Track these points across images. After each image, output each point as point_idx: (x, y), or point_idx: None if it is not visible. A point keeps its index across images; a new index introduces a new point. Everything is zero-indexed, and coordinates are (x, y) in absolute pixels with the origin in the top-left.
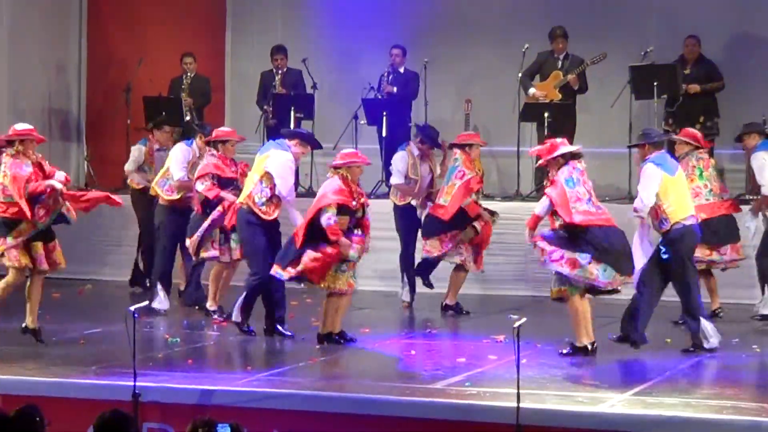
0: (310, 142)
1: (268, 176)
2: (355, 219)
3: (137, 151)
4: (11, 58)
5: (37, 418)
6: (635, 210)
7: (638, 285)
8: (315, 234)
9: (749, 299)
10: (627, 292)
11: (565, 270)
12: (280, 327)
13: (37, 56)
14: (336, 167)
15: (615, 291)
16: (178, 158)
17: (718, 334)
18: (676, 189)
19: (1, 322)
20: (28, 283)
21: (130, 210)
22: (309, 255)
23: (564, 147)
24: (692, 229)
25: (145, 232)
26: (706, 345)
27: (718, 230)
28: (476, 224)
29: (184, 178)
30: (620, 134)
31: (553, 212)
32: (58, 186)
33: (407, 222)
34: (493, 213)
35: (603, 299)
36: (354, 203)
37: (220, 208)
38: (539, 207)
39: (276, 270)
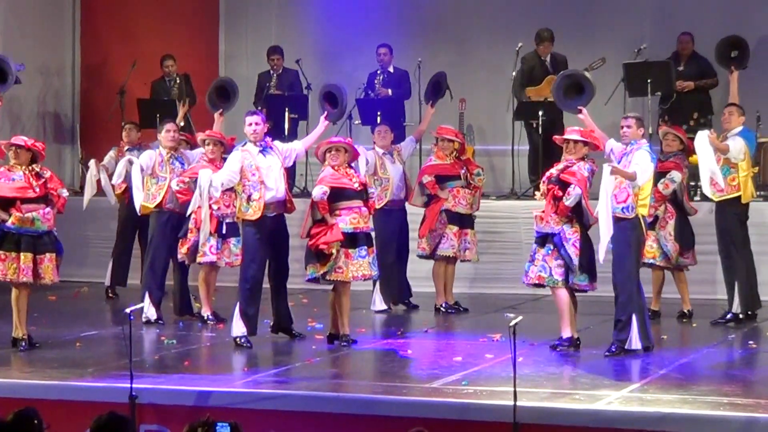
0: None
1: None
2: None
3: (108, 158)
4: None
5: (36, 421)
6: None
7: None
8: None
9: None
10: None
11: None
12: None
13: (30, 59)
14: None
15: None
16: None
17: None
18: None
19: None
20: (15, 293)
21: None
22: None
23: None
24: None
25: (119, 238)
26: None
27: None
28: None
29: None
30: (614, 132)
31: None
32: None
33: (381, 227)
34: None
35: (599, 297)
36: (348, 182)
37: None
38: (570, 200)
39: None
